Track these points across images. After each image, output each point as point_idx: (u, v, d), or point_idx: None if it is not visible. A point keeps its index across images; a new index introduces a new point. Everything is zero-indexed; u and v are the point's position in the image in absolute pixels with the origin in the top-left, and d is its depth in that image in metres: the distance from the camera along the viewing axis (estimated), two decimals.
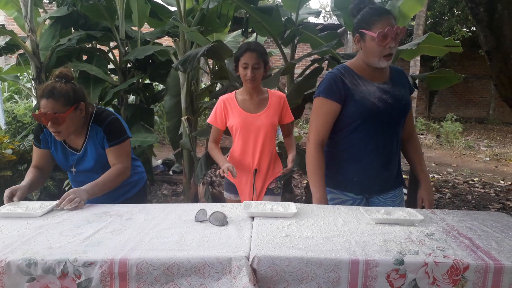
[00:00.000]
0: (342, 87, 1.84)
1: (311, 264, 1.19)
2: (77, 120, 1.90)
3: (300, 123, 12.33)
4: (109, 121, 1.97)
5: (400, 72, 2.00)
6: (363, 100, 1.83)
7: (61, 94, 1.80)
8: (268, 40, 9.59)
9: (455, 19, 11.89)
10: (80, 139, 2.00)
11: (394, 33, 1.74)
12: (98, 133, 1.97)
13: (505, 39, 2.30)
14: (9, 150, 3.34)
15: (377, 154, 1.90)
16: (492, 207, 4.67)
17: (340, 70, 1.90)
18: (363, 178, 1.93)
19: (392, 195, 2.02)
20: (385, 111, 1.85)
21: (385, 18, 1.75)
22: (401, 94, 1.91)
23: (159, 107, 8.76)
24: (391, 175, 1.99)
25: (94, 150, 1.99)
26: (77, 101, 1.87)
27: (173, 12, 4.37)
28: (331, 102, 1.86)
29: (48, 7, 5.54)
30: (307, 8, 4.23)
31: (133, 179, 2.21)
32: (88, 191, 1.78)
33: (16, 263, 1.16)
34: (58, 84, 1.83)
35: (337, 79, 1.85)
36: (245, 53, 2.22)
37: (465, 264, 1.20)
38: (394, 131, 1.93)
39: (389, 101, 1.86)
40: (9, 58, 10.26)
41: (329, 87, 1.86)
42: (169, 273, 1.17)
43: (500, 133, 12.18)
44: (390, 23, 1.74)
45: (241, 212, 1.63)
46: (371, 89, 1.86)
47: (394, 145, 1.95)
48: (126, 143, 2.02)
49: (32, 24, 3.99)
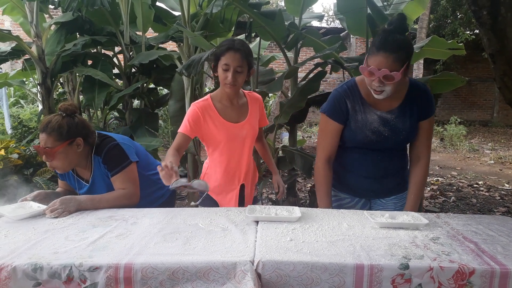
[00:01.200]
0: (345, 109, 1.86)
1: (316, 268, 1.19)
2: (73, 155, 1.88)
3: (304, 126, 12.32)
4: (107, 150, 1.93)
5: (421, 94, 1.84)
6: (357, 131, 1.86)
7: (53, 129, 1.81)
8: (271, 44, 9.60)
9: (458, 22, 11.86)
10: (87, 171, 2.00)
11: (380, 74, 1.63)
12: (100, 164, 1.95)
13: (508, 41, 2.30)
14: (15, 154, 3.36)
15: (370, 170, 1.95)
16: (497, 211, 4.65)
17: (346, 90, 1.88)
18: (356, 186, 2.00)
19: (395, 197, 2.02)
20: (378, 143, 1.86)
21: (381, 55, 1.62)
22: (405, 126, 1.84)
23: (164, 111, 8.79)
24: (389, 185, 1.99)
25: (102, 180, 1.98)
26: (71, 137, 1.85)
27: (177, 17, 4.39)
28: (334, 122, 1.89)
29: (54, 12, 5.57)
30: (310, 12, 4.24)
31: (157, 194, 2.18)
32: (81, 203, 1.76)
33: (22, 268, 1.17)
34: (55, 118, 1.85)
35: (341, 101, 1.87)
36: (227, 52, 1.90)
37: (471, 269, 1.20)
38: (390, 153, 1.93)
39: (385, 134, 1.84)
40: (15, 63, 10.32)
41: (333, 108, 1.89)
42: (174, 278, 1.18)
43: (505, 136, 12.12)
44: (383, 63, 1.62)
45: (245, 216, 1.63)
46: (370, 118, 1.84)
47: (392, 163, 1.95)
48: (129, 169, 1.94)
49: (37, 30, 4.03)
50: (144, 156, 2.17)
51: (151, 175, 2.15)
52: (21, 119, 5.34)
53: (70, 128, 1.85)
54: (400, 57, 1.62)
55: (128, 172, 1.95)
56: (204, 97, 2.09)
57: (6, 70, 7.23)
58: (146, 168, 2.13)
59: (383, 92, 1.71)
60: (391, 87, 1.68)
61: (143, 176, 2.05)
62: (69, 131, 1.84)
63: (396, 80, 1.64)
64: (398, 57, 1.62)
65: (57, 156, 1.83)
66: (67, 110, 1.88)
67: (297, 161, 3.46)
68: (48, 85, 4.20)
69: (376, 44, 1.66)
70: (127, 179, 1.94)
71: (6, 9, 4.38)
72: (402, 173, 2.00)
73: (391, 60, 1.62)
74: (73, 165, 1.94)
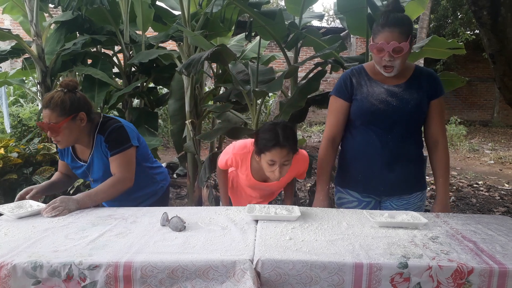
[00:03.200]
0: (350, 85, 1.94)
1: (315, 267, 1.19)
2: (76, 130, 1.89)
3: (304, 126, 12.33)
4: (111, 129, 1.94)
5: (427, 75, 1.92)
6: (363, 101, 1.89)
7: (56, 104, 1.82)
8: (271, 43, 9.61)
9: (458, 22, 11.86)
10: (87, 150, 2.01)
11: (389, 47, 1.71)
12: (102, 143, 1.96)
13: (508, 42, 2.31)
14: (15, 153, 3.36)
15: (376, 154, 1.91)
16: (497, 211, 4.65)
17: (353, 70, 1.98)
18: (366, 178, 1.96)
19: (406, 202, 1.97)
20: (385, 113, 1.86)
21: (387, 31, 1.73)
22: (412, 97, 1.86)
23: (163, 111, 8.79)
24: (399, 178, 1.92)
25: (101, 160, 1.99)
26: (74, 111, 1.86)
27: (177, 16, 4.39)
28: (340, 100, 1.96)
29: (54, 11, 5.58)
30: (311, 12, 4.24)
31: (150, 189, 2.19)
32: (79, 202, 1.77)
33: (22, 266, 1.17)
34: (57, 93, 1.85)
35: (346, 79, 1.95)
36: (273, 148, 1.81)
37: (469, 268, 1.20)
38: (399, 133, 1.88)
39: (393, 103, 1.85)
40: (14, 62, 10.33)
41: (339, 86, 1.97)
42: (174, 276, 1.18)
43: (505, 136, 12.12)
44: (390, 37, 1.71)
45: (245, 215, 1.64)
46: (377, 90, 1.88)
47: (400, 147, 1.89)
48: (128, 152, 1.95)
49: (37, 29, 4.03)
50: (145, 147, 2.18)
51: (147, 167, 2.16)
52: (20, 118, 5.33)
53: (72, 103, 1.86)
54: (404, 30, 1.73)
55: (127, 155, 1.95)
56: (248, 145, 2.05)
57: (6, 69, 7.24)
58: (144, 159, 2.14)
59: (393, 68, 1.78)
60: (400, 61, 1.76)
61: (140, 166, 2.06)
62: (72, 105, 1.86)
63: (405, 51, 1.73)
64: (402, 30, 1.72)
65: (62, 131, 1.84)
66: (68, 86, 1.89)
67: None
68: (47, 84, 4.20)
69: (380, 23, 1.77)
70: (124, 162, 1.95)
71: (6, 8, 4.38)
72: (413, 167, 1.95)
73: (397, 33, 1.72)
74: (76, 140, 1.94)
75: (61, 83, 1.90)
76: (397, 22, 1.74)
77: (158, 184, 2.24)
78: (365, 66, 1.96)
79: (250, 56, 5.08)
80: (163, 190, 2.27)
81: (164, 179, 2.29)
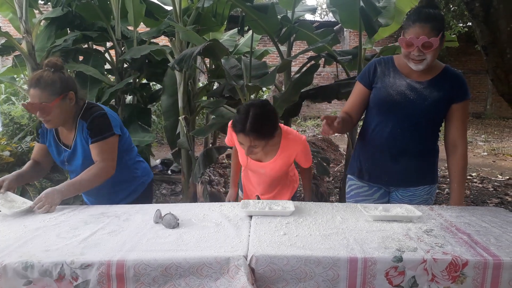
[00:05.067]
0: (373, 73, 1.96)
1: (310, 262, 1.19)
2: (66, 109, 1.87)
3: (298, 120, 12.33)
4: (95, 116, 1.92)
5: (454, 77, 1.90)
6: (381, 89, 1.91)
7: (47, 83, 1.79)
8: (264, 38, 9.57)
9: (451, 15, 11.87)
10: (71, 135, 1.98)
11: (419, 42, 1.71)
12: (84, 129, 1.93)
13: (501, 33, 2.30)
14: (7, 152, 3.32)
15: (384, 145, 1.94)
16: (491, 202, 4.68)
17: (381, 59, 2.00)
18: (370, 167, 2.00)
19: (412, 194, 1.98)
20: (400, 105, 1.87)
21: (418, 26, 1.71)
22: (431, 95, 1.85)
23: (157, 107, 8.74)
24: (403, 170, 1.94)
25: (82, 147, 1.96)
26: (64, 91, 1.84)
27: (168, 12, 4.35)
28: (360, 85, 2.00)
29: (44, 8, 5.51)
30: (303, 5, 4.21)
31: (129, 183, 2.14)
32: (63, 192, 1.75)
33: (13, 266, 1.15)
34: (46, 73, 1.82)
35: (371, 66, 1.98)
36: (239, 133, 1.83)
37: (464, 261, 1.20)
38: (411, 127, 1.89)
39: (410, 97, 1.86)
40: (5, 60, 10.22)
41: (363, 72, 2.01)
42: (167, 274, 1.17)
43: (498, 128, 12.20)
44: (420, 32, 1.70)
45: (239, 211, 1.63)
46: (399, 82, 1.89)
47: (408, 141, 1.90)
48: (110, 140, 1.92)
49: (27, 26, 3.97)
50: (128, 139, 2.15)
51: (127, 159, 2.12)
52: (12, 116, 5.27)
53: (62, 82, 1.84)
54: (435, 26, 1.71)
55: (108, 143, 1.93)
56: None
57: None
58: (125, 151, 2.10)
59: (423, 61, 1.77)
60: (431, 55, 1.75)
61: (120, 156, 2.02)
62: (62, 85, 1.84)
63: (435, 46, 1.71)
64: (433, 26, 1.71)
65: (53, 111, 1.81)
66: (56, 66, 1.86)
67: None
68: None
69: (412, 18, 1.75)
70: (105, 149, 1.92)
71: None
72: (421, 162, 1.95)
73: (428, 29, 1.70)
74: (65, 120, 1.92)
75: (48, 63, 1.86)
76: (428, 18, 1.72)
77: (139, 179, 2.19)
78: (395, 58, 1.97)
79: (243, 50, 5.05)
80: (144, 186, 2.22)
81: (145, 174, 2.24)
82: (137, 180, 2.18)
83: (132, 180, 2.17)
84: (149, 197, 2.30)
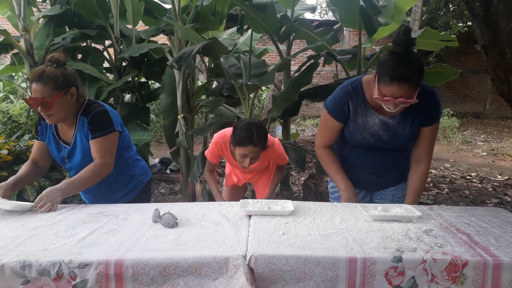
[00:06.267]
0: (347, 110, 1.85)
1: (309, 262, 1.18)
2: (68, 105, 1.87)
3: (297, 120, 12.32)
4: (95, 112, 1.92)
5: (429, 99, 1.79)
6: (355, 133, 1.87)
7: (49, 78, 1.78)
8: (264, 37, 9.55)
9: (450, 14, 11.88)
10: (71, 131, 1.97)
11: (398, 103, 1.59)
12: (84, 125, 1.93)
13: (501, 33, 2.30)
14: (5, 150, 3.32)
15: (368, 167, 1.98)
16: (490, 202, 4.68)
17: (350, 91, 1.84)
18: (358, 179, 2.02)
19: (394, 188, 2.05)
20: (377, 145, 1.86)
21: (396, 86, 1.56)
22: (405, 132, 1.81)
23: (156, 106, 8.72)
24: (387, 180, 2.03)
25: (81, 143, 1.96)
26: (67, 86, 1.84)
27: (167, 10, 4.34)
28: (334, 120, 1.90)
29: (42, 6, 5.48)
30: (303, 4, 4.21)
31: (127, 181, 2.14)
32: (64, 190, 1.75)
33: (10, 266, 1.14)
34: (48, 68, 1.81)
35: (343, 101, 1.84)
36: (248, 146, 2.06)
37: (463, 261, 1.19)
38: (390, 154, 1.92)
39: (384, 138, 1.84)
40: (3, 58, 10.18)
41: (335, 107, 1.87)
42: (166, 274, 1.16)
43: (497, 128, 12.21)
44: (398, 93, 1.57)
45: (238, 210, 1.62)
46: (371, 121, 1.83)
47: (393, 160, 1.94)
48: (110, 136, 1.92)
49: (25, 23, 3.95)
50: (127, 137, 2.15)
51: (126, 157, 2.12)
52: (10, 115, 5.25)
53: (65, 77, 1.84)
54: (415, 81, 1.57)
55: (109, 140, 1.93)
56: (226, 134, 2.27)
57: None
58: (125, 148, 2.10)
59: (397, 109, 1.66)
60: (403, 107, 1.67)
61: (119, 153, 2.02)
62: (64, 80, 1.83)
63: (412, 102, 1.60)
64: (413, 84, 1.57)
65: (55, 106, 1.81)
66: (59, 61, 1.86)
67: (291, 155, 3.45)
68: None
69: (389, 74, 1.56)
70: (105, 146, 1.91)
71: None
72: (402, 166, 1.99)
73: (407, 88, 1.57)
74: (66, 116, 1.91)
75: (50, 58, 1.86)
76: (408, 75, 1.55)
77: (137, 178, 2.18)
78: (364, 84, 1.82)
79: (242, 49, 5.04)
80: (142, 185, 2.21)
81: (144, 173, 2.24)
82: (135, 179, 2.18)
83: (131, 179, 2.16)
84: (147, 196, 2.29)
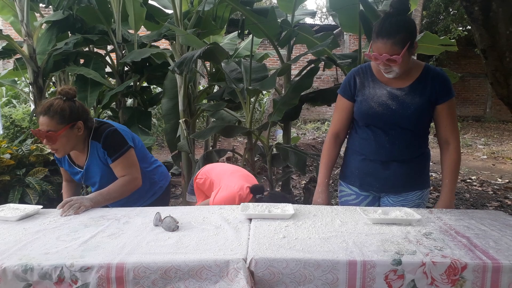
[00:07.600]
0: (353, 84, 1.93)
1: (309, 265, 1.19)
2: (74, 138, 1.89)
3: (298, 123, 12.33)
4: (106, 135, 1.94)
5: (436, 77, 1.83)
6: (363, 103, 1.89)
7: (56, 112, 1.80)
8: (264, 41, 9.59)
9: (450, 18, 11.91)
10: (83, 157, 2.00)
11: (382, 58, 1.67)
12: (98, 149, 1.95)
13: (500, 37, 2.31)
14: (7, 154, 3.33)
15: (373, 154, 1.93)
16: (490, 205, 4.68)
17: (359, 68, 1.96)
18: (361, 174, 1.99)
19: (404, 198, 1.96)
20: (384, 116, 1.85)
21: (380, 42, 1.67)
22: (413, 102, 1.82)
23: (157, 110, 8.76)
24: (394, 176, 1.92)
25: (97, 166, 1.98)
26: (73, 120, 1.85)
27: (169, 15, 4.37)
28: (343, 99, 1.97)
29: (45, 11, 5.53)
30: (303, 9, 4.23)
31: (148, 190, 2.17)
32: (92, 200, 1.79)
33: (12, 269, 1.15)
34: (56, 101, 1.83)
35: (351, 78, 1.95)
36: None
37: (463, 264, 1.20)
38: (398, 135, 1.88)
39: (392, 107, 1.83)
40: (6, 63, 10.24)
41: (344, 85, 1.97)
42: (167, 277, 1.17)
43: (497, 131, 12.20)
44: (382, 49, 1.66)
45: (238, 214, 1.63)
46: (379, 92, 1.86)
47: (397, 148, 1.89)
48: (128, 154, 1.96)
49: (28, 29, 3.99)
50: (141, 148, 2.17)
51: (143, 168, 2.13)
52: (13, 119, 5.28)
53: (72, 111, 1.85)
54: (398, 40, 1.65)
55: (129, 157, 1.97)
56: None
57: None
58: (141, 160, 2.11)
59: (391, 72, 1.75)
60: (398, 67, 1.72)
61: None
62: (71, 114, 1.85)
63: (398, 62, 1.67)
64: (396, 41, 1.65)
65: (59, 140, 1.83)
66: (68, 94, 1.88)
67: (291, 158, 3.46)
68: (40, 84, 4.17)
69: (376, 30, 1.70)
70: (128, 164, 1.96)
71: None
72: (412, 166, 1.93)
73: (390, 45, 1.65)
74: (73, 148, 1.94)
75: (60, 91, 1.88)
76: (391, 32, 1.65)
77: (157, 184, 2.22)
78: (372, 65, 1.91)
79: (243, 54, 5.07)
80: (162, 190, 2.25)
81: (163, 178, 2.27)
82: (155, 185, 2.21)
83: (151, 186, 2.19)
84: (166, 200, 2.33)
